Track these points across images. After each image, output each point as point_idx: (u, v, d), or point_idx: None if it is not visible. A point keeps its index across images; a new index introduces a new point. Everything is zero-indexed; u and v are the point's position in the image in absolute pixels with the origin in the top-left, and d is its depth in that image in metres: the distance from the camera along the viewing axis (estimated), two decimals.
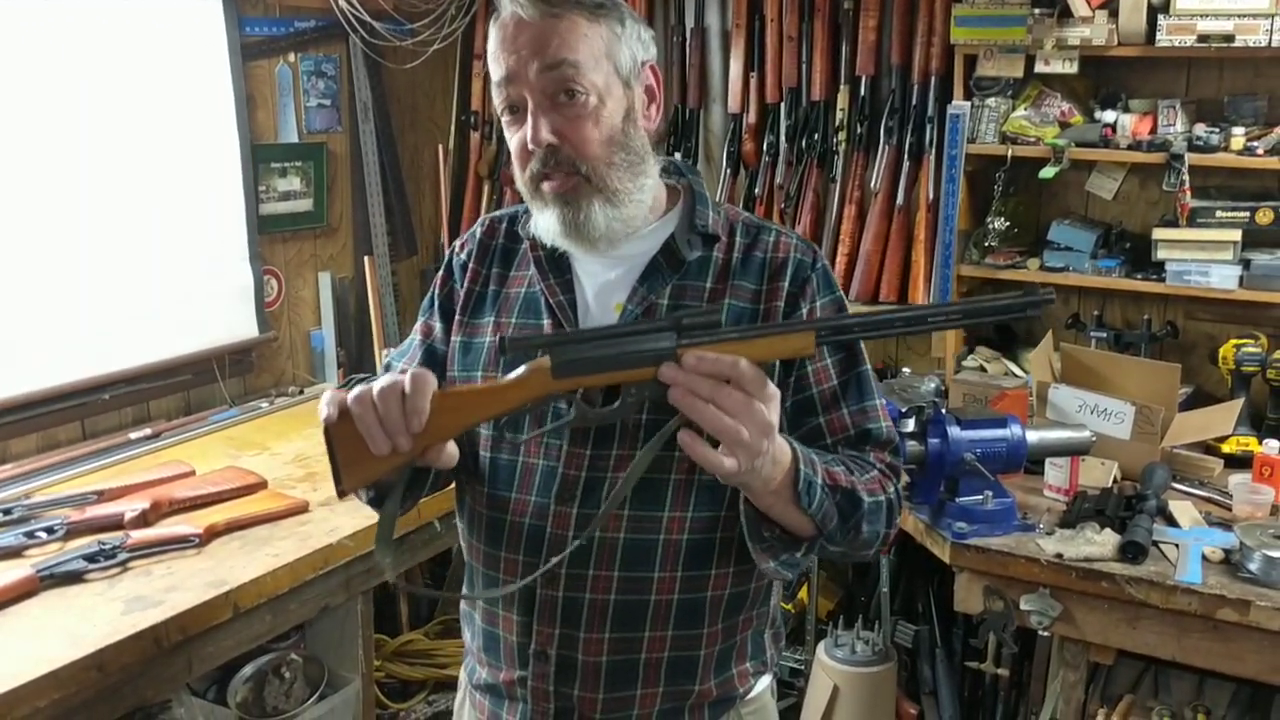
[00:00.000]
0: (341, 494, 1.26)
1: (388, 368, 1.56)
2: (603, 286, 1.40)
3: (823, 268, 1.42)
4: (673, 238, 1.39)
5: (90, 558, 2.03)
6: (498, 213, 1.54)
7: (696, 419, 1.14)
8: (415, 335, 1.55)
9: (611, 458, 1.33)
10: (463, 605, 1.51)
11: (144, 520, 2.18)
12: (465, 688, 1.54)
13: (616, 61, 1.35)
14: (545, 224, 1.36)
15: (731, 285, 1.39)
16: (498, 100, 1.36)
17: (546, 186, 1.34)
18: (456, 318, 1.48)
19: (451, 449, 1.27)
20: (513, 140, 1.35)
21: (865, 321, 1.21)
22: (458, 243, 1.54)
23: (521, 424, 1.33)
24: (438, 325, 1.51)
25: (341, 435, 1.22)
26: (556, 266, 1.42)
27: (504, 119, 1.36)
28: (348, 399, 1.21)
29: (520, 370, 1.21)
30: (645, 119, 1.39)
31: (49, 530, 2.13)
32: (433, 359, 1.50)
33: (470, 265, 1.49)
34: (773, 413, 1.16)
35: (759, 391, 1.14)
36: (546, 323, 1.40)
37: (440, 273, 1.53)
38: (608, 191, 1.33)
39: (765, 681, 1.51)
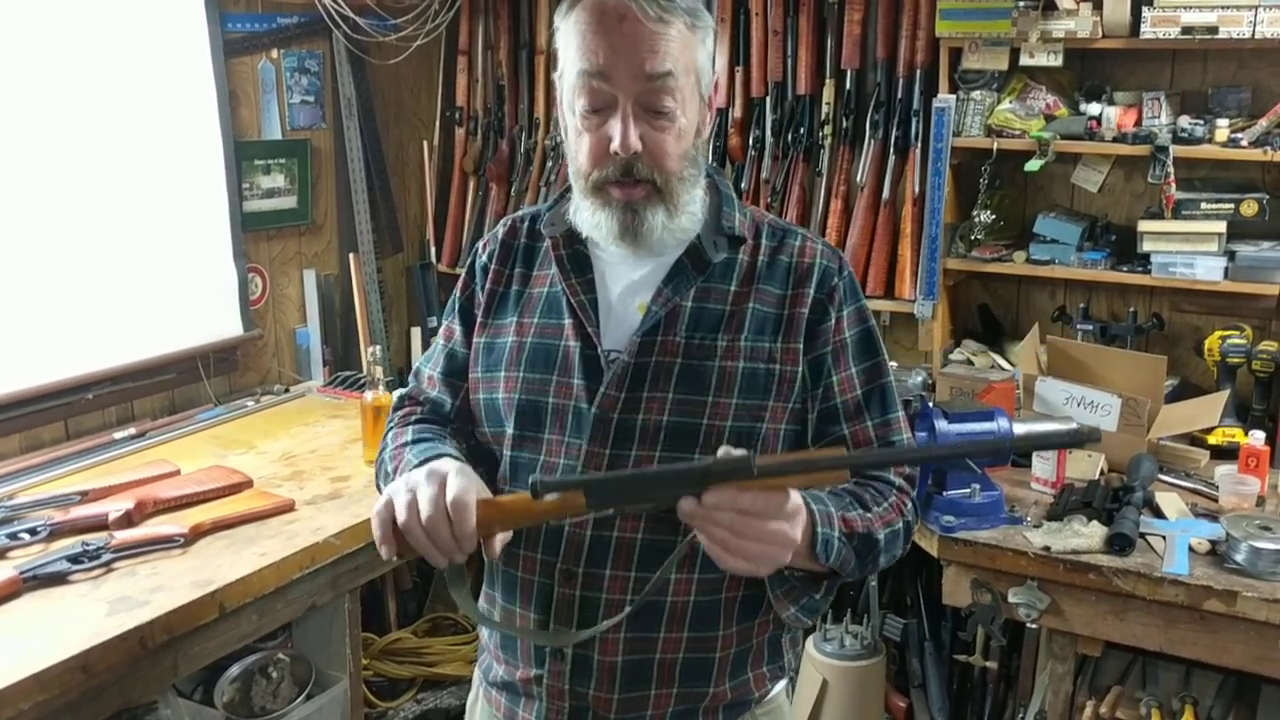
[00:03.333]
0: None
1: (416, 374, 1.59)
2: (627, 287, 1.41)
3: (849, 275, 1.44)
4: (699, 239, 1.40)
5: (74, 559, 2.01)
6: (519, 212, 1.55)
7: (721, 548, 1.15)
8: (439, 339, 1.56)
9: (631, 459, 1.34)
10: (481, 602, 1.51)
11: (128, 520, 2.16)
12: (479, 685, 1.55)
13: (699, 76, 1.36)
14: (597, 223, 1.36)
15: (756, 289, 1.40)
16: (578, 92, 1.32)
17: (616, 192, 1.33)
18: (479, 320, 1.48)
19: (503, 537, 1.30)
20: (588, 135, 1.33)
21: (892, 457, 1.27)
22: (480, 243, 1.55)
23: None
24: (458, 329, 1.52)
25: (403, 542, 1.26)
26: (578, 265, 1.42)
27: (579, 106, 1.32)
28: (399, 519, 1.24)
29: (554, 498, 1.21)
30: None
31: (32, 531, 2.11)
32: (453, 363, 1.52)
33: (492, 266, 1.49)
34: (795, 528, 1.18)
35: (779, 514, 1.16)
36: (568, 322, 1.40)
37: (463, 276, 1.54)
38: (671, 204, 1.34)
39: (781, 685, 1.51)
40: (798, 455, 1.32)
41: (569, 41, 1.33)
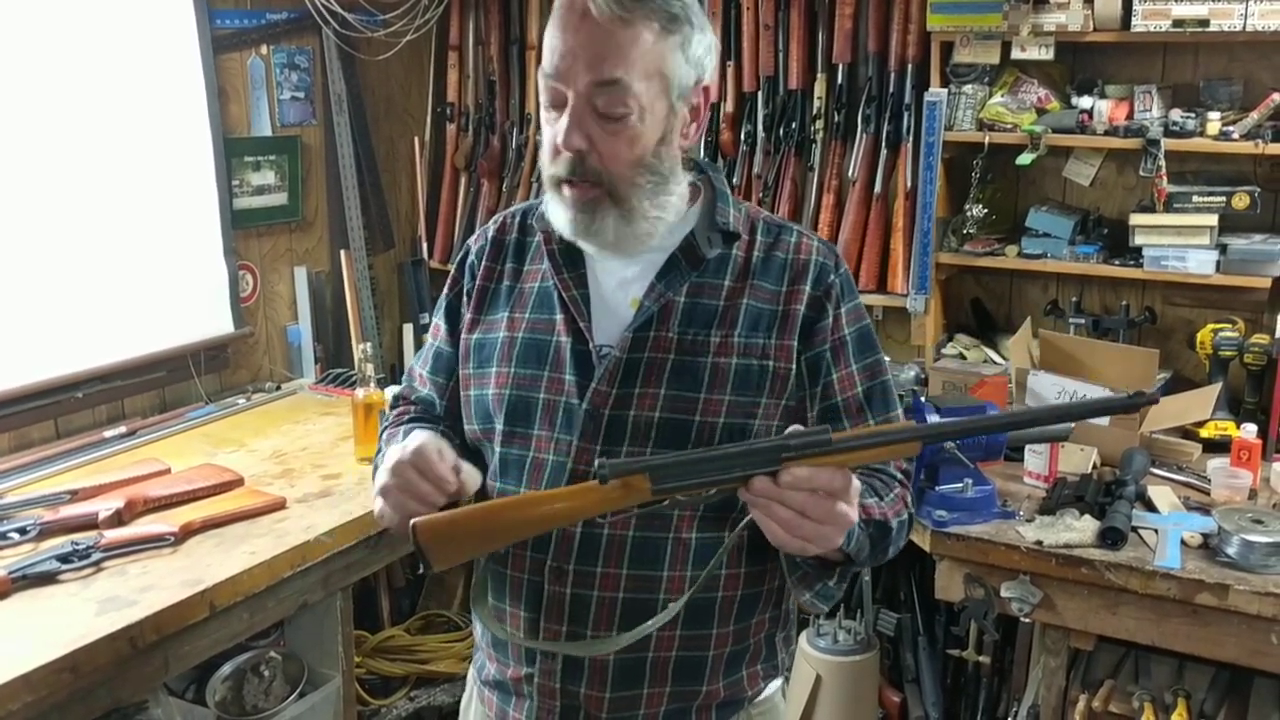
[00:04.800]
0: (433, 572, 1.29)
1: (408, 373, 1.60)
2: (620, 282, 1.40)
3: (845, 272, 1.43)
4: (693, 234, 1.39)
5: (63, 558, 2.00)
6: (510, 209, 1.54)
7: (783, 529, 1.16)
8: (429, 337, 1.57)
9: (621, 455, 1.32)
10: (473, 603, 1.51)
11: (118, 519, 2.15)
12: (473, 684, 1.54)
13: (671, 80, 1.32)
14: (557, 219, 1.37)
15: (751, 285, 1.39)
16: (542, 87, 1.34)
17: (567, 191, 1.33)
18: (469, 316, 1.47)
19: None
20: (547, 129, 1.34)
21: (963, 426, 1.23)
22: (471, 239, 1.54)
23: None
24: (444, 327, 1.52)
25: (426, 543, 1.22)
26: (571, 261, 1.41)
27: (543, 104, 1.34)
28: (378, 488, 1.29)
29: (617, 483, 1.18)
30: (683, 137, 1.37)
31: (21, 531, 2.11)
32: (439, 361, 1.53)
33: (483, 263, 1.49)
34: (854, 508, 1.18)
35: (844, 495, 1.16)
36: (559, 317, 1.39)
37: (452, 272, 1.54)
38: (624, 208, 1.33)
39: (776, 684, 1.51)
40: (870, 429, 1.33)
41: (545, 37, 1.34)
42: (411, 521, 1.22)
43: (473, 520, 1.25)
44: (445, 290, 1.53)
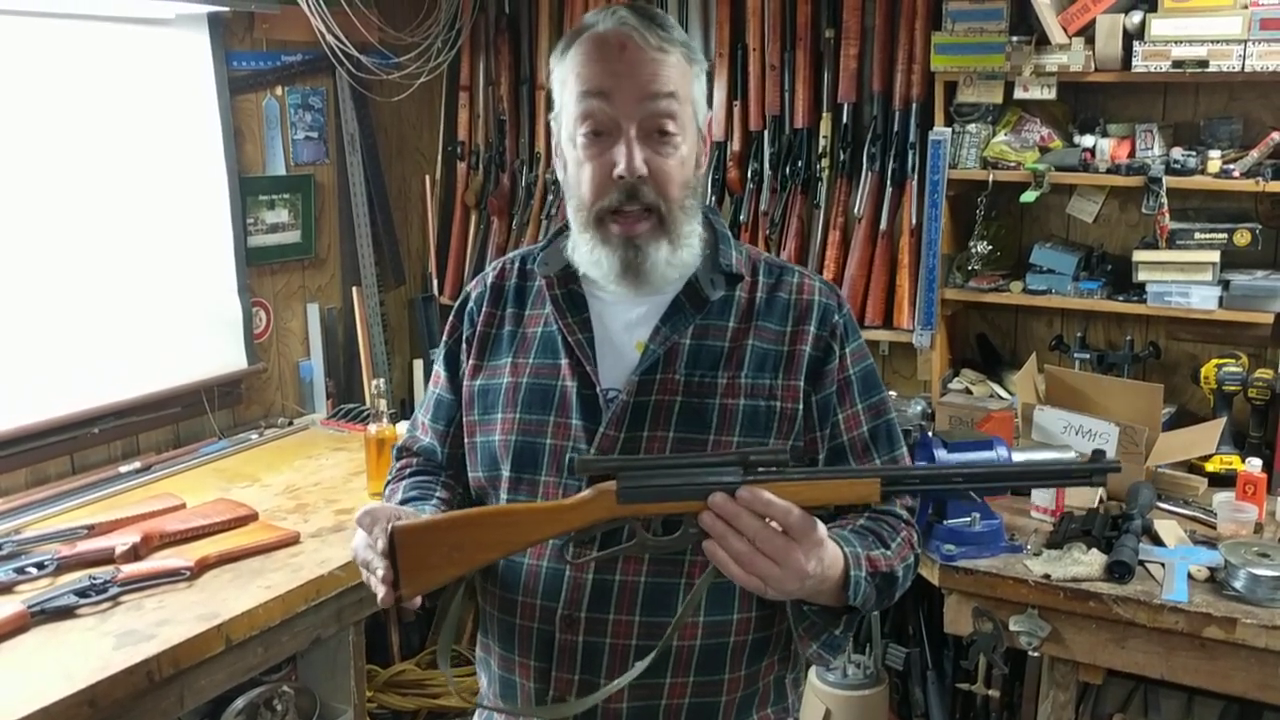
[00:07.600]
0: (399, 599, 1.26)
1: (413, 422, 1.61)
2: (624, 325, 1.41)
3: (848, 312, 1.45)
4: (696, 277, 1.39)
5: (81, 592, 2.02)
6: (508, 255, 1.55)
7: (732, 558, 1.15)
8: (430, 386, 1.58)
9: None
10: (478, 651, 1.50)
11: (135, 554, 2.17)
12: None
13: (697, 107, 1.38)
14: (597, 259, 1.36)
15: (755, 326, 1.40)
16: (579, 120, 1.33)
17: (616, 228, 1.33)
18: (471, 363, 1.48)
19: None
20: (590, 164, 1.33)
21: (927, 475, 1.24)
22: (469, 287, 1.55)
23: (581, 546, 1.31)
24: (444, 374, 1.53)
25: (401, 545, 1.25)
26: (574, 305, 1.41)
27: (581, 139, 1.34)
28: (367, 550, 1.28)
29: (586, 492, 1.22)
30: (697, 167, 1.41)
31: (39, 565, 2.12)
32: (439, 409, 1.54)
33: (483, 309, 1.49)
34: (810, 559, 1.16)
35: (803, 538, 1.16)
36: (564, 362, 1.39)
37: (450, 320, 1.54)
38: (673, 234, 1.35)
39: None
40: (833, 468, 1.34)
41: (568, 76, 1.34)
42: (391, 526, 1.24)
43: (445, 530, 1.26)
44: (444, 337, 1.54)
